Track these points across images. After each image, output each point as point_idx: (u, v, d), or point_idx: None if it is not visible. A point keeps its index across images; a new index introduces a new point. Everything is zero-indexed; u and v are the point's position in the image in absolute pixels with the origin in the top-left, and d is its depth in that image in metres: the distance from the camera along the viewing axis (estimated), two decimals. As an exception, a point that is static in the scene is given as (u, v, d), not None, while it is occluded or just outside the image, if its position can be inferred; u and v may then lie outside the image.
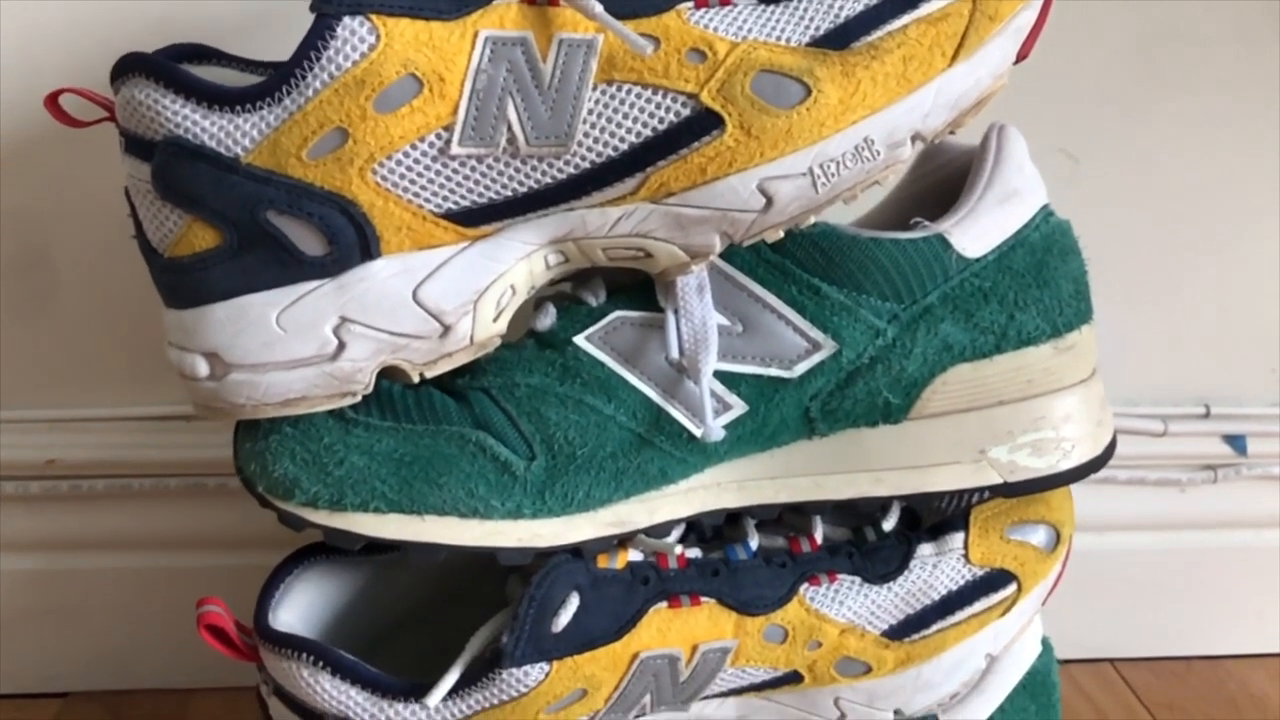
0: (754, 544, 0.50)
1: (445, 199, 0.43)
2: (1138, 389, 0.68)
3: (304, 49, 0.40)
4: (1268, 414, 0.69)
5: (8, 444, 0.63)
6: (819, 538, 0.50)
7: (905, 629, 0.50)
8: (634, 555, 0.48)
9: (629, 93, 0.42)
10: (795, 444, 0.49)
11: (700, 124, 0.42)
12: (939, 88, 0.43)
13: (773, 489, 0.49)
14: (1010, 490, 0.49)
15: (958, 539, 0.51)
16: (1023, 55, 0.45)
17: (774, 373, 0.47)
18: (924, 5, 0.42)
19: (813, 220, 0.45)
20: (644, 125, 0.42)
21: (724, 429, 0.46)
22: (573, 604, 0.45)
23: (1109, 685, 0.70)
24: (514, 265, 0.45)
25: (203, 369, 0.44)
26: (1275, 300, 0.68)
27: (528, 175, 0.43)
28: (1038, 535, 0.52)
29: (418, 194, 0.42)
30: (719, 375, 0.46)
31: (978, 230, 0.48)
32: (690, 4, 0.43)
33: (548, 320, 0.48)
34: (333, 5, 0.40)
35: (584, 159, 0.42)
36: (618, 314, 0.47)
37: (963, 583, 0.50)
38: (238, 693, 0.61)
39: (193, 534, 0.65)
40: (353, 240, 0.42)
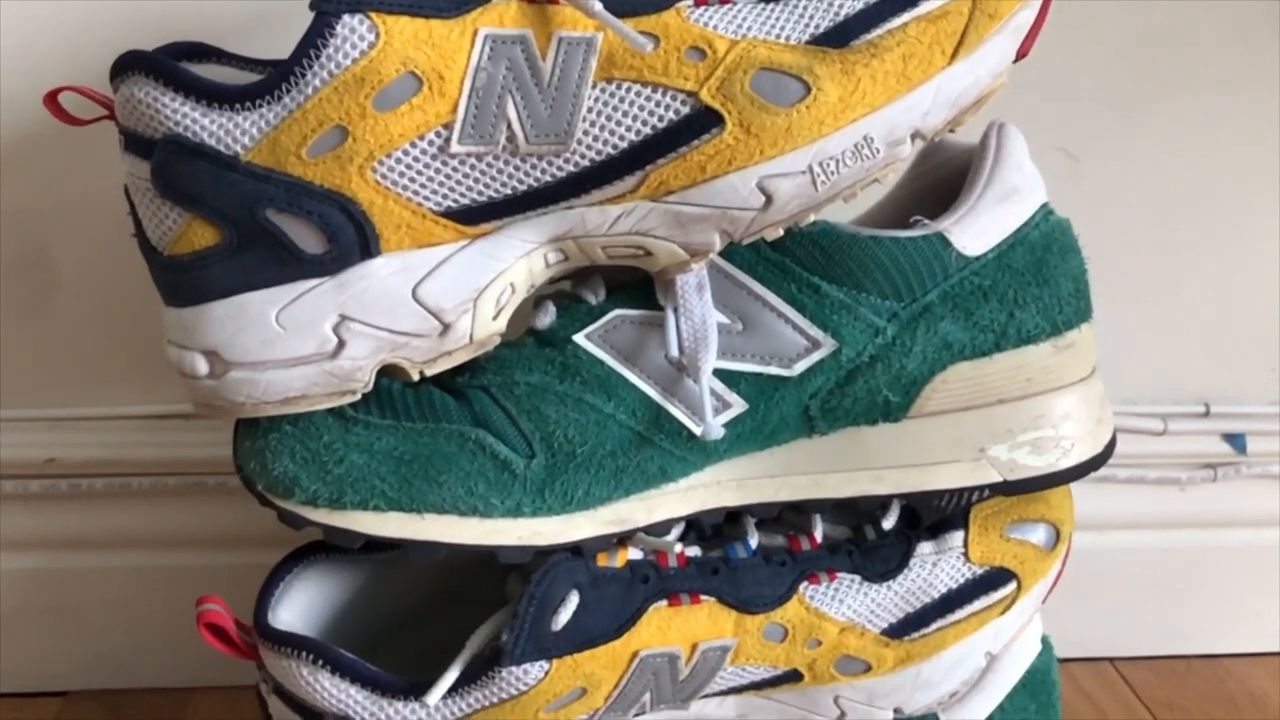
0: (754, 542, 0.50)
1: (445, 197, 0.42)
2: (1137, 387, 0.68)
3: (303, 47, 0.40)
4: (1267, 413, 0.69)
5: (7, 442, 0.63)
6: (819, 536, 0.50)
7: (905, 627, 0.50)
8: (634, 554, 0.48)
9: (628, 91, 0.42)
10: (795, 442, 0.49)
11: (700, 122, 0.42)
12: (939, 86, 0.43)
13: (772, 487, 0.49)
14: (1010, 489, 0.49)
15: (957, 537, 0.51)
16: (1022, 53, 0.45)
17: (774, 371, 0.47)
18: (924, 3, 0.42)
19: (812, 218, 0.45)
20: (643, 123, 0.42)
21: (724, 427, 0.46)
22: (572, 602, 0.45)
23: (1109, 684, 0.70)
24: (514, 263, 0.44)
25: (202, 367, 0.44)
26: (1275, 299, 0.68)
27: (527, 173, 0.42)
28: (1037, 534, 0.52)
29: (417, 192, 0.42)
30: (719, 373, 0.46)
31: (977, 229, 0.48)
32: (690, 2, 0.43)
33: (547, 318, 0.48)
34: (332, 3, 0.40)
35: (583, 157, 0.42)
36: (617, 312, 0.47)
37: (962, 581, 0.50)
38: (237, 691, 0.61)
39: (192, 532, 0.65)
40: (352, 238, 0.42)
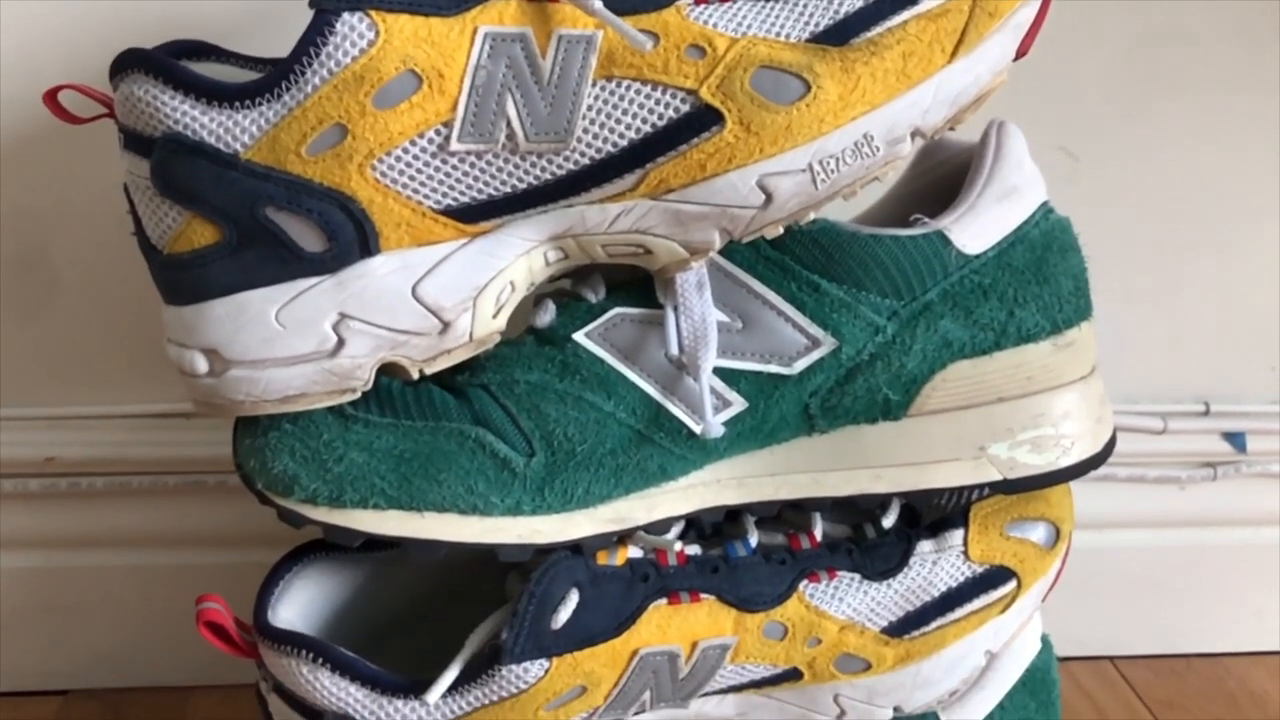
0: (754, 541, 0.50)
1: (445, 195, 0.42)
2: (1137, 386, 0.68)
3: (303, 45, 0.40)
4: (1267, 411, 0.69)
5: (7, 441, 0.63)
6: (819, 535, 0.50)
7: (905, 626, 0.50)
8: (634, 552, 0.48)
9: (628, 89, 0.42)
10: (795, 441, 0.49)
11: (700, 120, 0.42)
12: (938, 84, 0.43)
13: (772, 486, 0.49)
14: (1010, 487, 0.49)
15: (957, 536, 0.51)
16: (1022, 52, 0.45)
17: (773, 369, 0.47)
18: (924, 1, 0.42)
19: (812, 217, 0.45)
20: (643, 121, 0.42)
21: (723, 426, 0.46)
22: (572, 601, 0.45)
23: (1109, 683, 0.70)
24: (513, 262, 0.44)
25: (202, 365, 0.44)
26: (1275, 298, 0.68)
27: (527, 171, 0.42)
28: (1037, 532, 0.52)
29: (417, 190, 0.42)
30: (718, 372, 0.46)
31: (977, 227, 0.48)
32: (690, 0, 0.43)
33: (547, 317, 0.48)
34: (332, 1, 0.40)
35: (583, 155, 0.42)
36: (617, 311, 0.47)
37: (962, 580, 0.50)
38: (237, 690, 0.61)
39: (192, 531, 0.65)
40: (352, 237, 0.42)
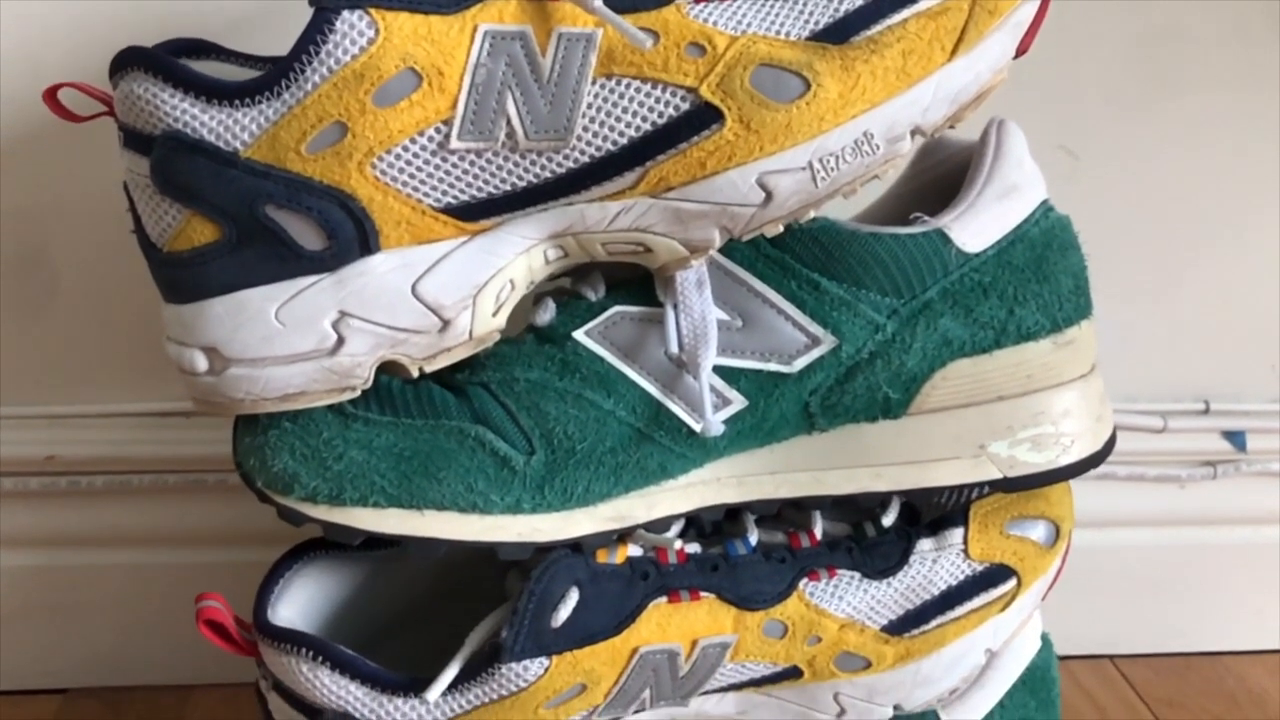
0: (753, 539, 0.50)
1: (444, 193, 0.42)
2: (1137, 385, 0.68)
3: (303, 43, 0.40)
4: (1267, 410, 0.69)
5: (7, 440, 0.63)
6: (819, 533, 0.50)
7: (905, 624, 0.50)
8: (633, 550, 0.48)
9: (628, 87, 0.42)
10: (795, 439, 0.49)
11: (699, 118, 0.42)
12: (938, 82, 0.43)
13: (772, 484, 0.49)
14: (1010, 485, 0.49)
15: (957, 534, 0.51)
16: (1022, 50, 0.45)
17: (773, 368, 0.47)
18: (923, -1, 0.43)
19: (812, 215, 0.45)
20: (643, 119, 0.42)
21: (723, 424, 0.46)
22: (572, 599, 0.45)
23: (1108, 681, 0.70)
24: (513, 260, 0.44)
25: (201, 364, 0.44)
26: (1275, 297, 0.68)
27: (527, 169, 0.42)
28: (1037, 531, 0.52)
29: (417, 188, 0.42)
30: (718, 370, 0.46)
31: (977, 225, 0.48)
32: (690, -2, 0.43)
33: (547, 315, 0.48)
34: (332, -1, 0.40)
35: (583, 153, 0.42)
36: (617, 309, 0.47)
37: (962, 578, 0.50)
38: (237, 688, 0.61)
39: (192, 529, 0.65)
40: (352, 235, 0.42)
